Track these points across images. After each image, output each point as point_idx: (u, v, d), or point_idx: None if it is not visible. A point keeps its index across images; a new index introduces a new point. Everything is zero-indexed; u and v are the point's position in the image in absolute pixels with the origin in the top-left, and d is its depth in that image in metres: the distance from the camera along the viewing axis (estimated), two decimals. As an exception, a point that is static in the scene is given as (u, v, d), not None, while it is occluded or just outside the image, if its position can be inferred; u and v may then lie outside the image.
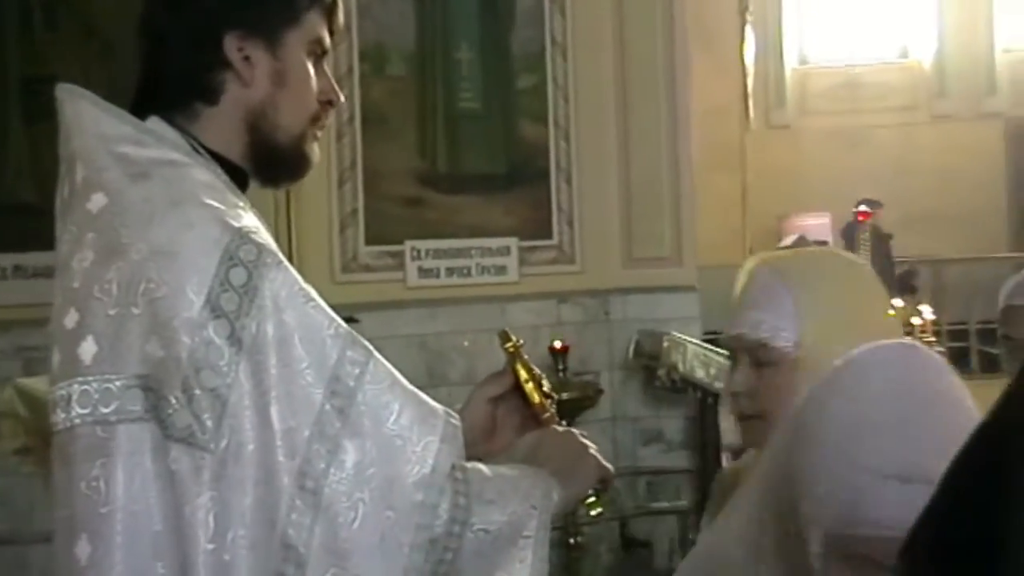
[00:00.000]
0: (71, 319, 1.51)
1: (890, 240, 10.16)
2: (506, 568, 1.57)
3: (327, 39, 1.72)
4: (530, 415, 1.84)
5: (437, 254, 6.33)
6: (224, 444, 1.44)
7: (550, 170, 6.51)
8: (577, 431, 1.80)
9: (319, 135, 1.74)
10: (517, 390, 1.85)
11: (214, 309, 1.45)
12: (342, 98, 1.79)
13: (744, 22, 7.27)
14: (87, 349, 1.48)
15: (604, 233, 6.56)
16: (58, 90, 1.63)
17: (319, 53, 1.71)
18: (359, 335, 1.54)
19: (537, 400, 1.83)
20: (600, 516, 1.74)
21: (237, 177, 1.66)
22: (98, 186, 1.54)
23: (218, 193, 1.56)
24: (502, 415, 1.85)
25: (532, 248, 6.47)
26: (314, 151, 1.73)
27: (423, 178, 6.39)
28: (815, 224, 10.37)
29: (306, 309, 1.50)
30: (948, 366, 1.26)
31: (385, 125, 6.29)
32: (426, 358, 6.18)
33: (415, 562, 1.49)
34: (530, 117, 6.53)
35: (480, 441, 1.74)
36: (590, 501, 1.74)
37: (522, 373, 1.84)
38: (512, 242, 6.42)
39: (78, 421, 1.48)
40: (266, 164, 1.70)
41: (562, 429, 1.80)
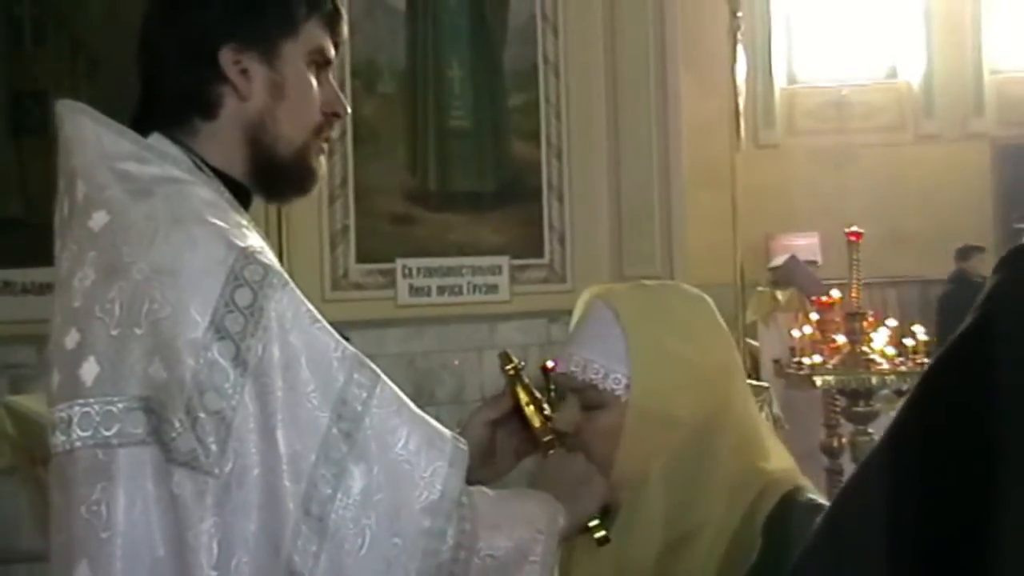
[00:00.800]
0: (72, 339, 1.47)
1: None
2: None
3: (330, 49, 1.69)
4: (529, 438, 1.82)
5: (428, 272, 6.31)
6: (228, 468, 1.40)
7: (541, 188, 6.50)
8: (581, 455, 1.77)
9: (325, 148, 1.71)
10: (516, 413, 1.82)
11: (219, 330, 1.42)
12: (348, 109, 1.76)
13: (735, 42, 7.26)
14: (88, 370, 1.45)
15: (595, 251, 6.54)
16: (58, 106, 1.60)
17: (321, 63, 1.68)
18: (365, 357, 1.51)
19: (538, 423, 1.80)
20: (606, 540, 1.71)
21: (240, 194, 1.63)
22: (100, 204, 1.51)
23: (221, 211, 1.53)
24: (501, 439, 1.83)
25: (523, 266, 6.45)
26: (320, 164, 1.70)
27: (413, 196, 6.37)
28: (803, 243, 10.39)
29: (312, 331, 1.47)
30: None
31: (376, 142, 6.27)
32: (414, 377, 6.16)
33: None
34: (521, 135, 6.52)
35: (479, 466, 1.70)
36: (594, 524, 1.71)
37: (522, 396, 1.81)
38: (503, 260, 6.40)
39: (79, 444, 1.44)
40: (269, 178, 1.67)
41: (567, 452, 1.77)
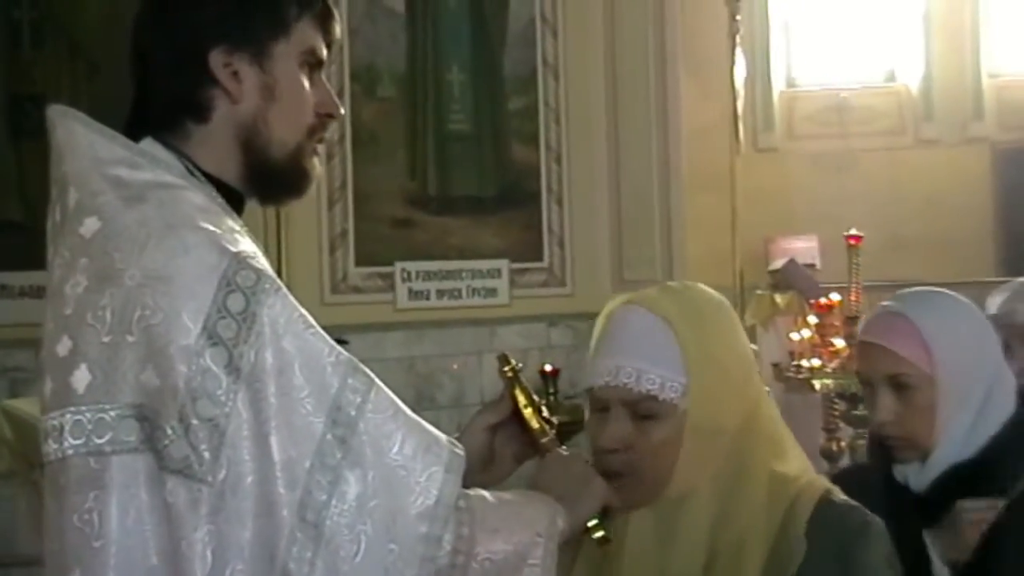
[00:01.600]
0: (64, 347, 1.46)
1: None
2: None
3: (322, 49, 1.67)
4: (528, 442, 1.81)
5: (427, 276, 6.30)
6: (222, 476, 1.39)
7: (541, 192, 6.50)
8: (583, 454, 1.77)
9: (319, 149, 1.70)
10: (515, 416, 1.81)
11: (211, 336, 1.41)
12: (342, 110, 1.75)
13: (734, 45, 7.25)
14: (80, 378, 1.44)
15: (595, 255, 6.54)
16: (50, 111, 1.59)
17: (313, 63, 1.66)
18: (359, 362, 1.50)
19: (537, 425, 1.79)
20: (605, 541, 1.70)
21: (233, 200, 1.62)
22: (92, 210, 1.50)
23: (214, 216, 1.52)
24: (500, 443, 1.81)
25: (523, 270, 6.45)
26: (314, 166, 1.69)
27: (413, 199, 6.37)
28: (803, 247, 10.36)
29: (306, 336, 1.46)
30: None
31: (376, 146, 6.26)
32: (414, 381, 6.15)
33: None
34: (521, 139, 6.52)
35: (477, 470, 1.70)
36: (593, 525, 1.71)
37: (521, 398, 1.80)
38: (503, 264, 6.39)
39: (71, 452, 1.43)
40: (263, 181, 1.66)
41: (565, 453, 1.76)
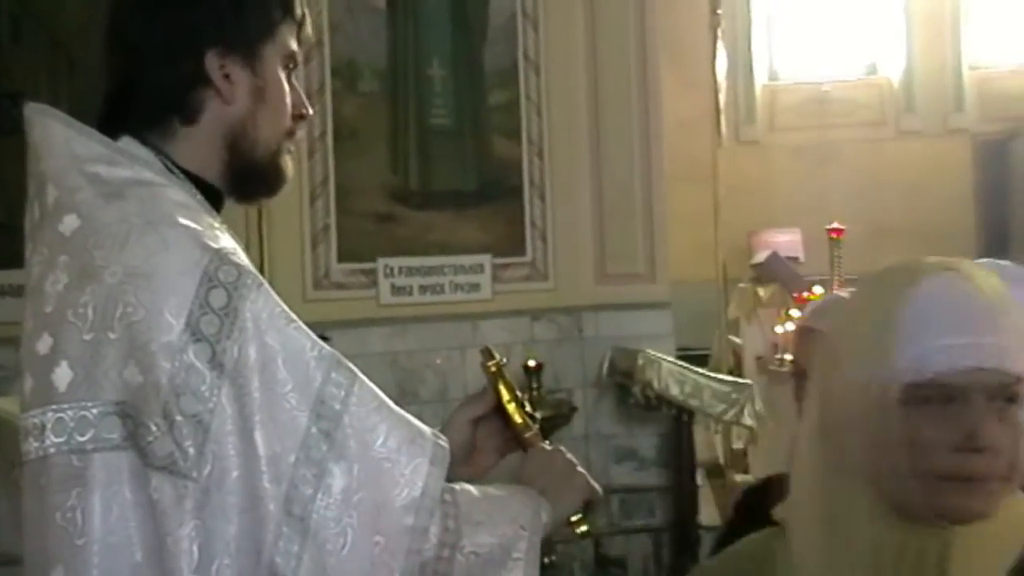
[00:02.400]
0: (44, 344, 1.46)
1: None
2: None
3: (299, 51, 1.69)
4: (511, 436, 1.81)
5: (410, 271, 6.29)
6: (207, 471, 1.39)
7: (523, 186, 6.49)
8: (564, 449, 1.77)
9: (292, 149, 1.71)
10: (498, 410, 1.81)
11: (194, 332, 1.41)
12: (311, 111, 1.75)
13: (715, 38, 7.28)
14: (61, 375, 1.43)
15: (577, 249, 6.53)
16: (27, 109, 1.58)
17: (292, 67, 1.68)
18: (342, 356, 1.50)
19: (520, 420, 1.80)
20: (588, 535, 1.71)
21: (211, 197, 1.62)
22: (71, 207, 1.50)
23: (193, 213, 1.52)
24: (482, 437, 1.82)
25: (505, 265, 6.44)
26: (288, 165, 1.70)
27: (395, 194, 6.36)
28: (785, 240, 10.40)
29: (288, 331, 1.46)
30: None
31: (357, 141, 6.25)
32: (397, 376, 6.14)
33: None
34: (503, 133, 6.51)
35: (460, 464, 1.70)
36: (577, 519, 1.71)
37: (504, 393, 1.81)
38: (485, 259, 6.39)
39: (52, 450, 1.43)
40: (243, 181, 1.66)
41: (549, 448, 1.77)
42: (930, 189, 11.75)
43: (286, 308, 1.48)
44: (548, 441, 1.78)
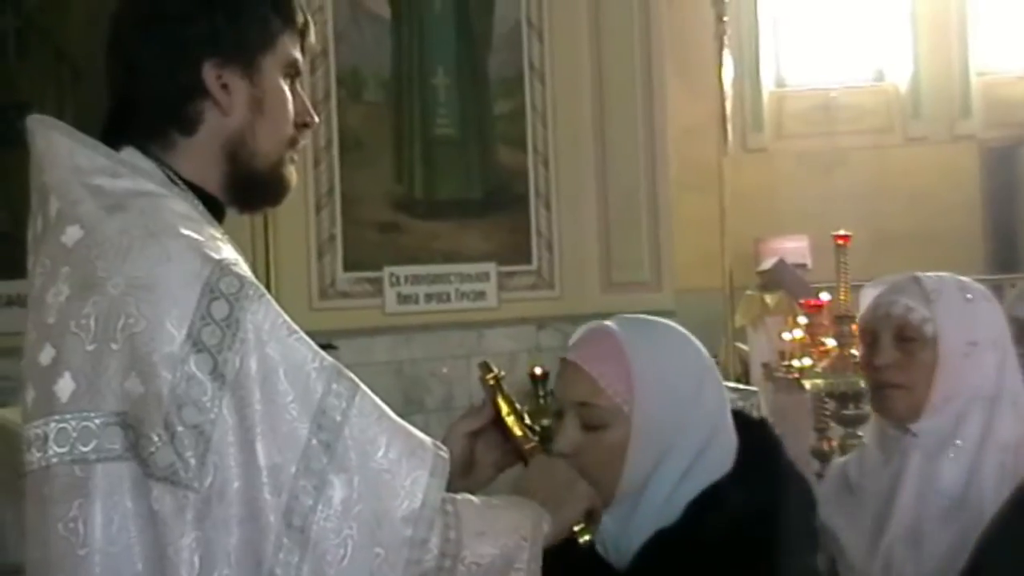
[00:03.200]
0: (46, 355, 1.46)
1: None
2: None
3: (301, 60, 1.69)
4: (510, 449, 1.82)
5: (416, 280, 6.30)
6: (208, 482, 1.39)
7: (528, 195, 6.50)
8: (563, 461, 1.77)
9: (296, 158, 1.71)
10: (496, 424, 1.82)
11: (196, 343, 1.41)
12: (316, 119, 1.76)
13: (721, 45, 7.26)
14: (64, 386, 1.43)
15: (583, 258, 6.54)
16: (29, 121, 1.58)
17: (293, 75, 1.68)
18: (343, 367, 1.51)
19: (520, 432, 1.80)
20: (589, 544, 1.71)
21: (213, 208, 1.62)
22: (73, 219, 1.50)
23: (195, 224, 1.52)
24: (481, 450, 1.83)
25: (511, 273, 6.45)
26: (291, 174, 1.70)
27: (400, 204, 6.37)
28: (792, 247, 10.36)
29: (289, 342, 1.46)
30: None
31: (362, 151, 6.27)
32: (403, 385, 6.15)
33: None
34: (508, 142, 6.52)
35: (458, 476, 1.70)
36: (579, 529, 1.71)
37: (503, 406, 1.81)
38: (491, 267, 6.39)
39: (55, 460, 1.43)
40: (245, 191, 1.67)
41: (549, 458, 1.77)
42: (937, 195, 11.73)
43: (287, 319, 1.48)
44: (549, 451, 1.78)
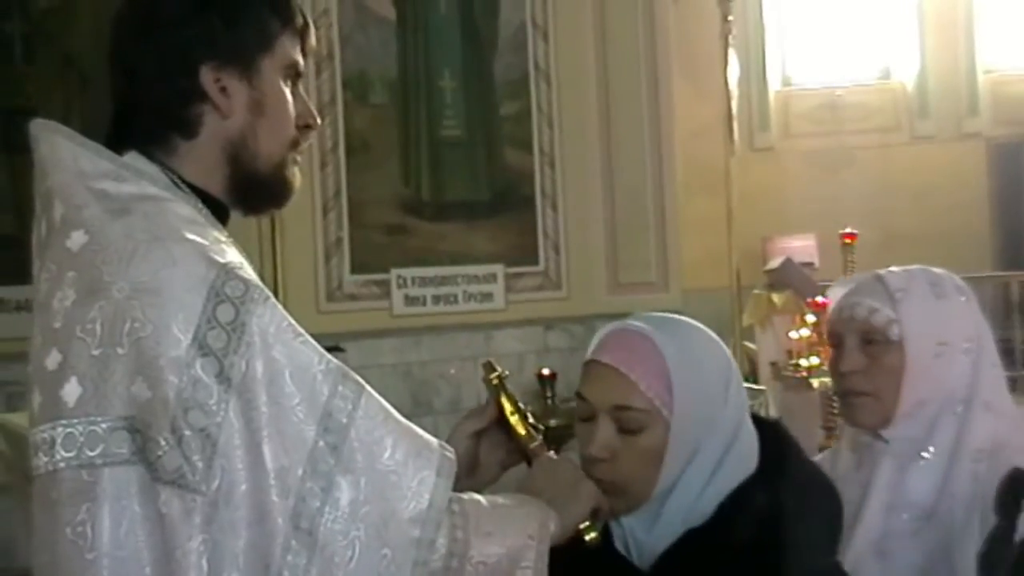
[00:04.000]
0: (53, 360, 1.46)
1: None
2: None
3: (301, 61, 1.69)
4: (514, 449, 1.82)
5: (423, 282, 6.31)
6: (215, 485, 1.40)
7: (535, 196, 6.51)
8: (571, 457, 1.77)
9: (299, 159, 1.71)
10: (500, 423, 1.82)
11: (201, 347, 1.41)
12: (319, 120, 1.76)
13: (726, 46, 7.26)
14: (71, 391, 1.44)
15: (590, 259, 6.55)
16: (32, 126, 1.58)
17: (294, 76, 1.68)
18: (349, 369, 1.51)
19: (523, 432, 1.80)
20: (595, 543, 1.71)
21: (218, 211, 1.62)
22: (78, 223, 1.50)
23: (200, 228, 1.52)
24: (485, 450, 1.84)
25: (518, 275, 6.46)
26: (295, 176, 1.70)
27: (407, 206, 6.38)
28: (800, 246, 10.36)
29: (295, 345, 1.46)
30: None
31: (369, 153, 6.28)
32: (411, 386, 6.16)
33: None
34: (514, 144, 6.53)
35: (463, 476, 1.70)
36: (585, 526, 1.71)
37: (507, 406, 1.81)
38: (498, 269, 6.40)
39: (62, 465, 1.43)
40: (248, 193, 1.67)
41: (555, 457, 1.77)
42: (944, 193, 11.70)
43: (293, 322, 1.48)
44: (556, 450, 1.79)
